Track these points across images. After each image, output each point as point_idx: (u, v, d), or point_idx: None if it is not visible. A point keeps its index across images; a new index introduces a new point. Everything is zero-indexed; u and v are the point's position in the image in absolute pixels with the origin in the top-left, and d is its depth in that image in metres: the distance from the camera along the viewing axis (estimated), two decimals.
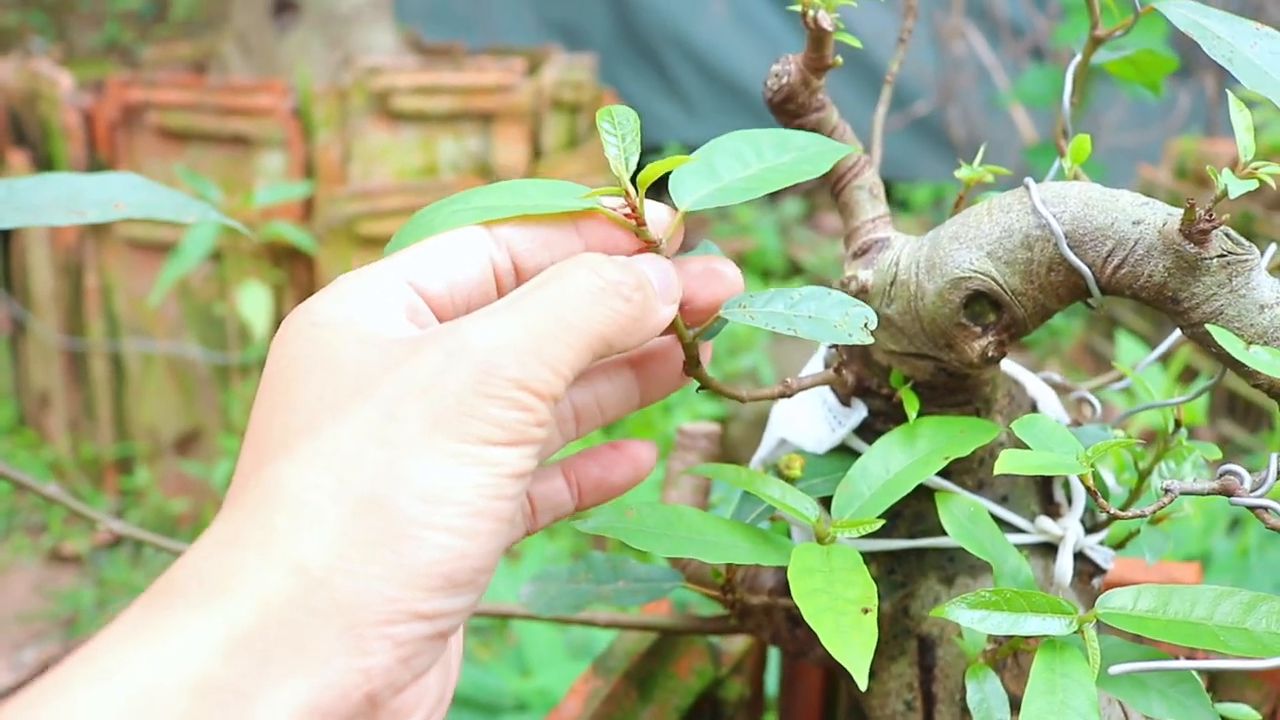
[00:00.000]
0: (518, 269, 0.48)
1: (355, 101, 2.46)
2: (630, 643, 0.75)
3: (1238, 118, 0.51)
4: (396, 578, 0.39)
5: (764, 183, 0.51)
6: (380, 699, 0.40)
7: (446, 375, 0.41)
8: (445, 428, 0.41)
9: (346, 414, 0.41)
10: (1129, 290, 0.52)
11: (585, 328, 0.44)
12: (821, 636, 0.47)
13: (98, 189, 0.71)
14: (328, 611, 0.38)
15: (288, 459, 0.41)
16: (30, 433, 2.87)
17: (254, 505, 0.40)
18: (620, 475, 0.54)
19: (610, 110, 0.50)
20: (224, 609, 0.37)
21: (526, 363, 0.42)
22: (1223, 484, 0.49)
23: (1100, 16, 0.63)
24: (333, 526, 0.39)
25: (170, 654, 0.36)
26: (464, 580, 0.41)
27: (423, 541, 0.40)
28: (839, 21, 0.56)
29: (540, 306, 0.44)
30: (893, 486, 0.56)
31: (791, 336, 0.49)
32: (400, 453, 0.40)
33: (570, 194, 0.48)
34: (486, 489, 0.41)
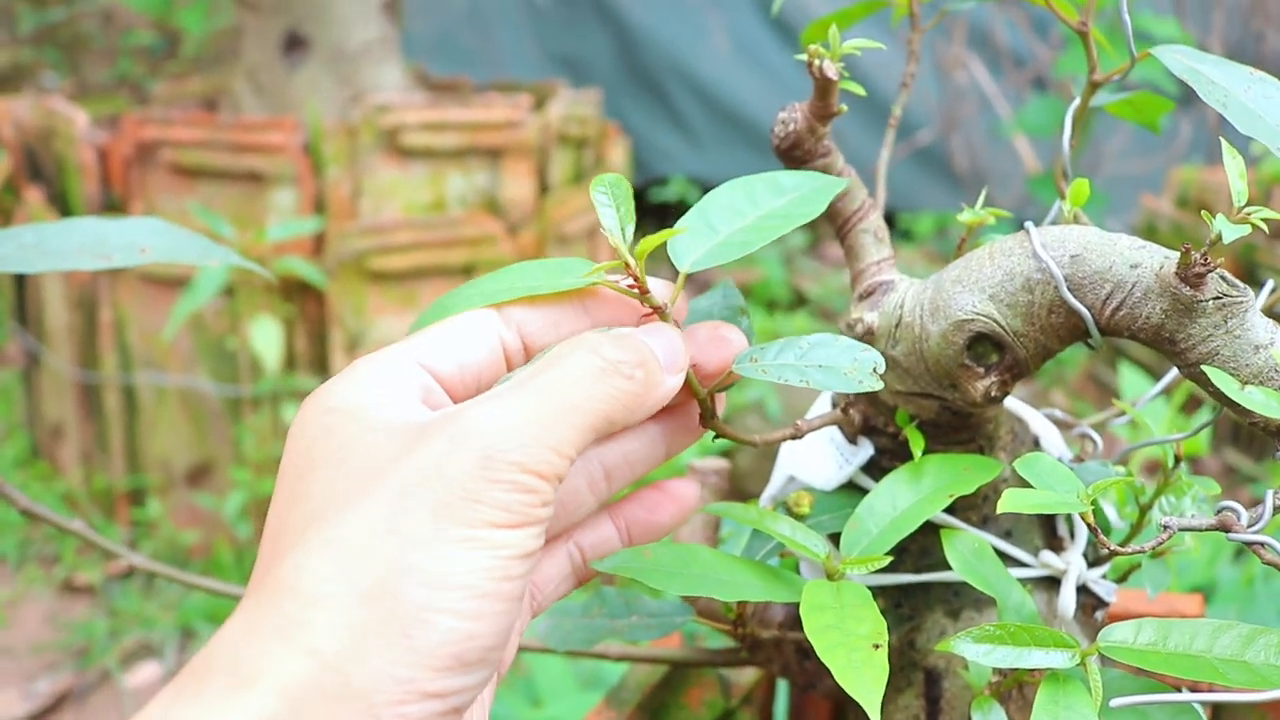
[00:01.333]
0: (528, 348, 0.51)
1: (365, 138, 2.49)
2: (642, 675, 0.76)
3: (1231, 164, 0.52)
4: (406, 660, 0.41)
5: (761, 233, 0.53)
6: None
7: (451, 462, 0.43)
8: (451, 514, 0.42)
9: (355, 504, 0.43)
10: (1127, 331, 0.53)
11: (587, 408, 0.45)
12: (834, 671, 0.48)
13: (123, 234, 0.73)
14: (343, 696, 0.40)
15: (303, 550, 0.43)
16: (43, 464, 2.89)
17: (272, 595, 0.42)
18: (666, 515, 0.56)
19: (603, 180, 0.51)
20: (250, 698, 0.39)
21: (529, 446, 0.43)
22: (1220, 520, 0.50)
23: (1098, 60, 0.65)
24: (345, 615, 0.41)
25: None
26: (474, 659, 0.42)
27: (431, 625, 0.41)
28: (844, 70, 0.58)
29: (542, 389, 0.45)
30: (899, 523, 0.57)
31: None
32: (407, 542, 0.42)
33: (573, 271, 0.50)
34: (494, 572, 0.42)
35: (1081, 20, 0.64)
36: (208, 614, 2.43)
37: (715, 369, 0.52)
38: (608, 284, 0.50)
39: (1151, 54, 0.61)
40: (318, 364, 2.52)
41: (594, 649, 0.70)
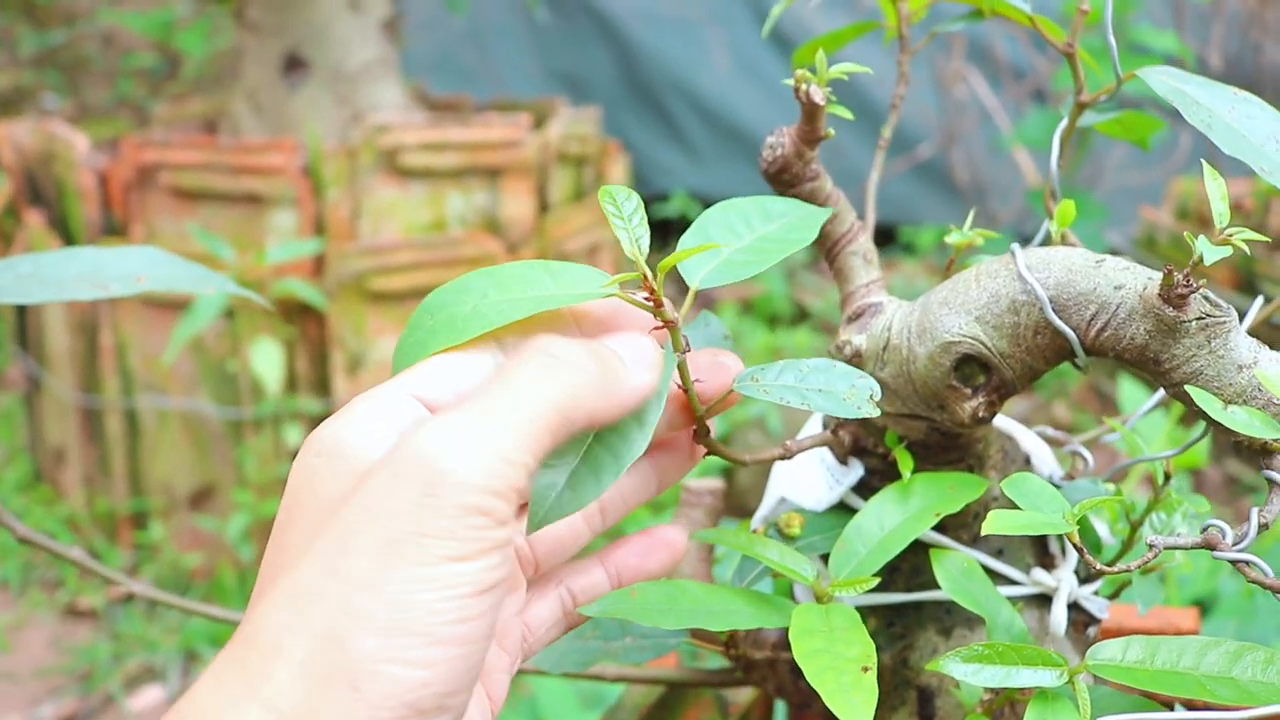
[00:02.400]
0: None
1: (364, 159, 2.50)
2: (639, 695, 0.76)
3: (1212, 186, 0.53)
4: (359, 713, 0.39)
5: (763, 254, 0.54)
6: None
7: (394, 495, 0.41)
8: (397, 553, 0.40)
9: (312, 549, 0.42)
10: (1112, 352, 0.54)
11: (536, 403, 0.43)
12: (824, 695, 0.48)
13: (120, 263, 0.74)
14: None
15: (269, 599, 0.42)
16: (46, 488, 2.89)
17: (240, 647, 0.42)
18: (656, 562, 0.56)
19: (611, 192, 0.52)
20: None
21: (474, 459, 0.41)
22: (1206, 538, 0.51)
23: (1085, 81, 0.65)
24: (298, 667, 0.40)
25: None
26: (430, 707, 0.40)
27: (380, 676, 0.40)
28: (831, 95, 0.59)
29: (486, 397, 0.43)
30: (887, 544, 0.58)
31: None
32: (354, 587, 0.40)
33: (582, 281, 0.50)
34: (446, 614, 0.40)
35: (1067, 42, 0.64)
36: (210, 637, 2.43)
37: (714, 392, 0.53)
38: (624, 297, 0.50)
39: (1138, 75, 0.61)
40: (319, 385, 2.53)
41: (589, 671, 0.70)
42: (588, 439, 0.46)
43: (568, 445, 0.46)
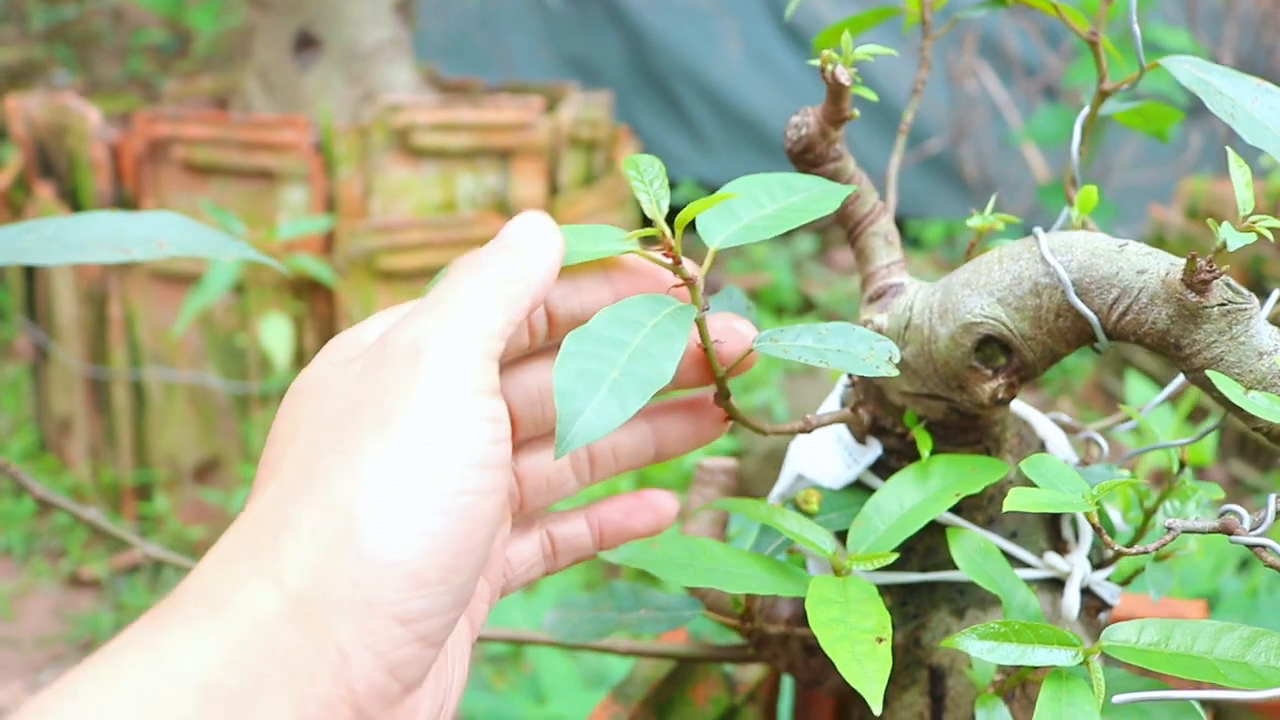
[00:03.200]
0: (550, 313, 0.51)
1: (376, 138, 2.50)
2: (649, 670, 0.77)
3: (1236, 174, 0.53)
4: (365, 582, 0.40)
5: (783, 221, 0.54)
6: (368, 712, 0.41)
7: (386, 374, 0.44)
8: (397, 425, 0.42)
9: (312, 435, 0.44)
10: (1133, 336, 0.54)
11: (481, 284, 0.46)
12: (838, 664, 0.49)
13: (140, 227, 0.74)
14: (305, 624, 0.40)
15: (275, 482, 0.43)
16: (51, 458, 2.90)
17: (247, 524, 0.43)
18: (641, 523, 0.57)
19: (635, 160, 0.52)
20: (220, 623, 0.39)
21: (447, 332, 0.44)
22: (1223, 523, 0.51)
23: (1108, 70, 0.66)
24: (306, 539, 0.41)
25: (176, 661, 0.38)
26: (434, 579, 0.42)
27: (386, 545, 0.41)
28: (856, 76, 0.59)
29: (438, 296, 0.46)
30: (906, 521, 0.58)
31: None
32: (357, 460, 0.42)
33: (605, 238, 0.51)
34: (448, 483, 0.42)
35: (1092, 30, 0.65)
36: None
37: (727, 355, 0.54)
38: (642, 254, 0.51)
39: (1161, 64, 0.61)
40: None
41: (602, 642, 0.71)
42: (614, 368, 0.46)
43: (596, 369, 0.46)
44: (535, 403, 0.53)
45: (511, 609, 1.71)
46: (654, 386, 0.46)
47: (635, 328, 0.47)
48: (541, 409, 0.53)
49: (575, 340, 0.46)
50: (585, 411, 0.44)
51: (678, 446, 0.57)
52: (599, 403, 0.44)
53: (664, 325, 0.48)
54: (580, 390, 0.45)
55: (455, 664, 0.49)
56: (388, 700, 0.42)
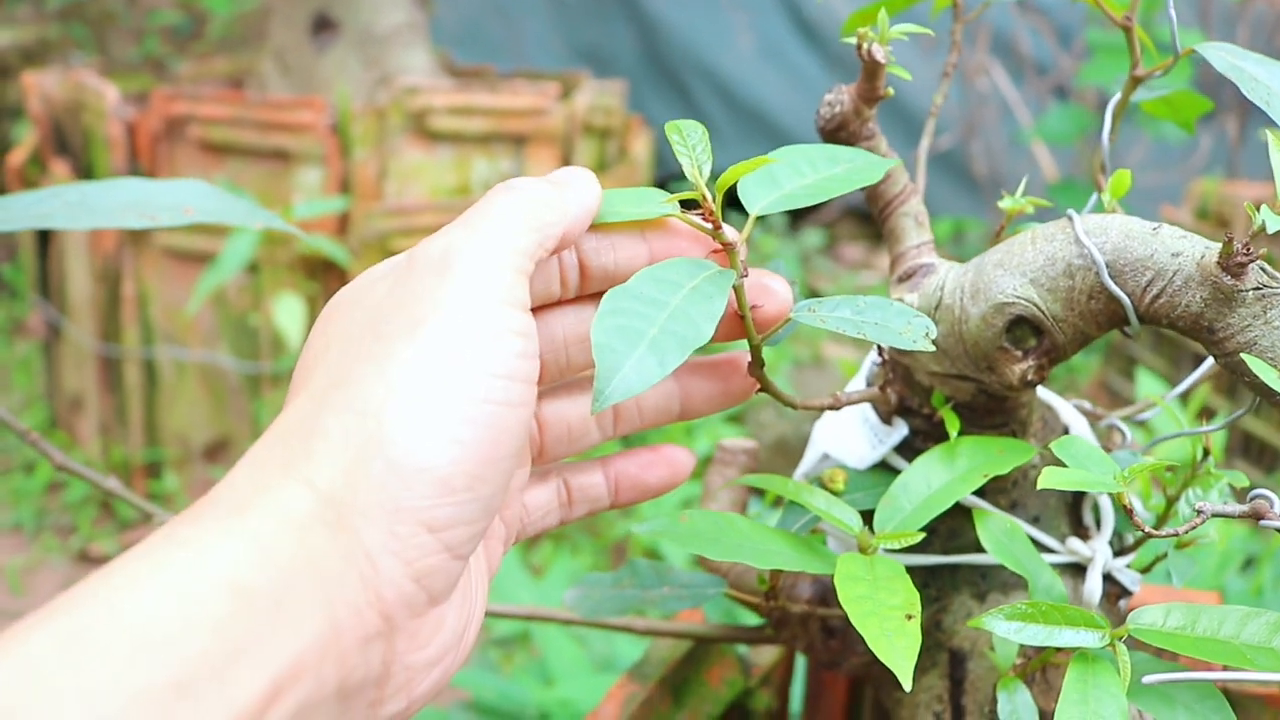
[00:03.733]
0: (583, 264, 0.51)
1: (392, 120, 2.50)
2: (665, 650, 0.77)
3: (1276, 157, 0.53)
4: (393, 486, 0.41)
5: (823, 190, 0.54)
6: (396, 619, 0.42)
7: (415, 281, 0.44)
8: (425, 332, 0.43)
9: (344, 345, 0.44)
10: (1166, 320, 0.54)
11: (513, 208, 0.46)
12: (868, 640, 0.49)
13: (167, 194, 0.74)
14: (335, 527, 0.40)
15: (307, 390, 0.44)
16: (62, 435, 2.90)
17: (278, 433, 0.43)
18: (656, 477, 0.57)
19: (678, 125, 0.53)
20: (250, 523, 0.39)
21: (476, 244, 0.44)
22: (1254, 507, 0.51)
23: (1140, 57, 0.65)
24: (337, 443, 0.41)
25: (207, 558, 0.38)
26: (460, 486, 0.42)
27: (415, 449, 0.41)
28: (890, 55, 0.59)
29: (473, 212, 0.47)
30: (933, 502, 0.58)
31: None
32: (387, 366, 0.42)
33: (649, 200, 0.51)
34: (476, 391, 0.42)
35: (1126, 16, 0.65)
36: None
37: (767, 319, 0.53)
38: (683, 218, 0.51)
39: (1196, 50, 0.61)
40: None
41: (620, 621, 0.71)
42: (653, 326, 0.46)
43: (635, 326, 0.46)
44: (560, 349, 0.53)
45: (520, 589, 1.71)
46: (693, 345, 0.46)
47: (674, 288, 0.47)
48: (566, 356, 0.53)
49: (614, 298, 0.46)
50: (624, 367, 0.44)
51: (704, 406, 0.57)
52: (638, 359, 0.44)
53: (703, 287, 0.48)
54: (619, 346, 0.45)
55: (477, 591, 0.49)
56: (414, 609, 0.42)
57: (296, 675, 0.38)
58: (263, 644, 0.37)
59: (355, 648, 0.40)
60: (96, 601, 0.36)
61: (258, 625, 0.37)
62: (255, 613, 0.37)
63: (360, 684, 0.41)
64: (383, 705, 0.43)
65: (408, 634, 0.42)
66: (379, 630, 0.41)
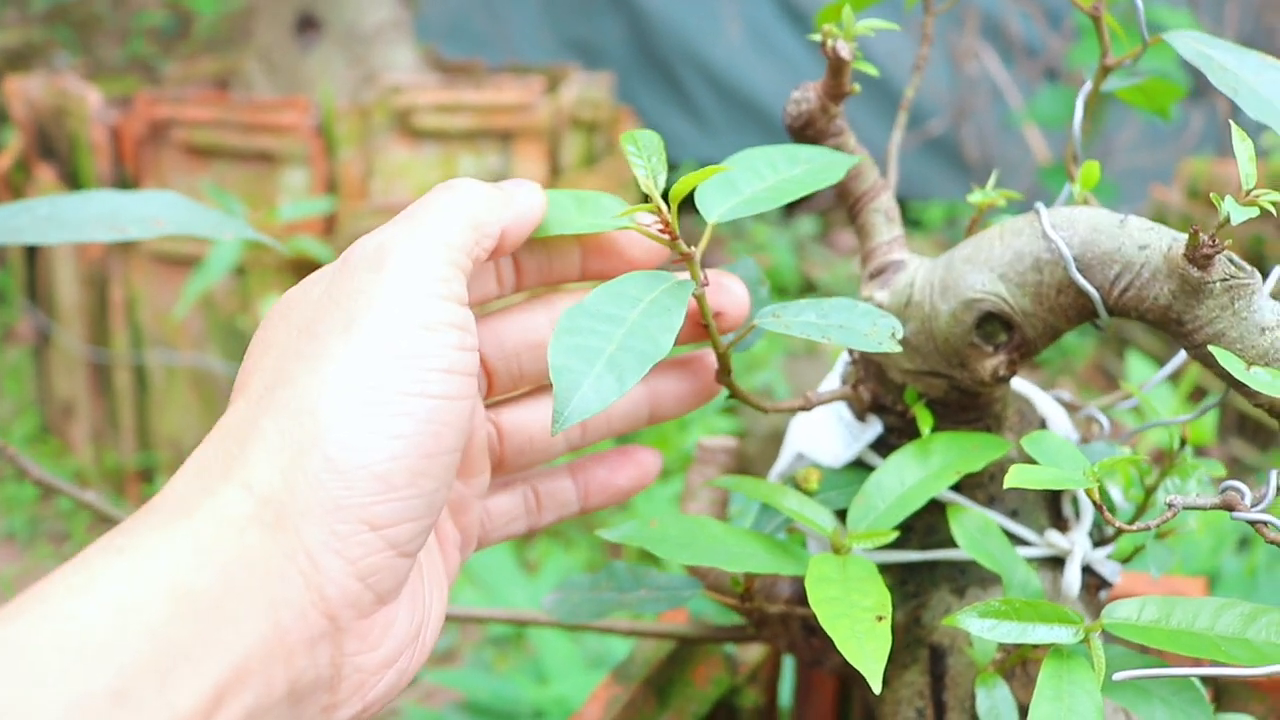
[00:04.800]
0: (517, 263, 0.52)
1: (377, 119, 2.49)
2: (649, 651, 0.77)
3: (1240, 147, 0.53)
4: (332, 484, 0.40)
5: (782, 193, 0.54)
6: (342, 619, 0.41)
7: (348, 279, 0.44)
8: (359, 328, 0.42)
9: (280, 346, 0.44)
10: (1135, 312, 0.54)
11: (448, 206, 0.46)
12: (837, 642, 0.49)
13: (138, 206, 0.74)
14: (274, 527, 0.40)
15: (245, 395, 0.44)
16: (54, 441, 2.90)
17: (218, 436, 0.43)
18: (625, 478, 0.57)
19: (633, 135, 0.52)
20: (189, 526, 0.39)
21: (409, 239, 0.44)
22: (1224, 499, 0.51)
23: (1110, 45, 0.65)
24: (275, 443, 0.41)
25: (146, 564, 0.38)
26: (401, 483, 0.41)
27: (352, 445, 0.41)
28: (857, 51, 0.59)
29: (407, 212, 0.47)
30: (907, 500, 0.58)
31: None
32: (321, 363, 0.42)
33: (605, 210, 0.51)
34: (410, 385, 0.42)
35: (1095, 5, 0.64)
36: None
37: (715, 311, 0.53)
38: (638, 228, 0.50)
39: (1164, 39, 0.61)
40: None
41: (602, 622, 0.71)
42: (611, 343, 0.46)
43: (592, 344, 0.45)
44: (510, 357, 0.53)
45: (513, 589, 1.71)
46: (651, 360, 0.45)
47: (632, 303, 0.47)
48: (518, 365, 0.53)
49: (571, 317, 0.46)
50: (582, 387, 0.44)
51: (674, 408, 0.57)
52: (595, 377, 0.44)
53: (661, 300, 0.47)
54: (576, 365, 0.44)
55: (431, 593, 0.48)
56: (361, 609, 0.42)
57: (241, 679, 0.38)
58: (204, 647, 0.37)
59: (302, 649, 0.40)
60: (32, 613, 0.36)
61: (198, 629, 0.37)
62: (195, 616, 0.37)
63: (310, 687, 0.41)
64: (336, 710, 0.42)
65: (356, 635, 0.42)
66: (325, 631, 0.41)
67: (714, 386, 0.57)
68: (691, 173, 0.50)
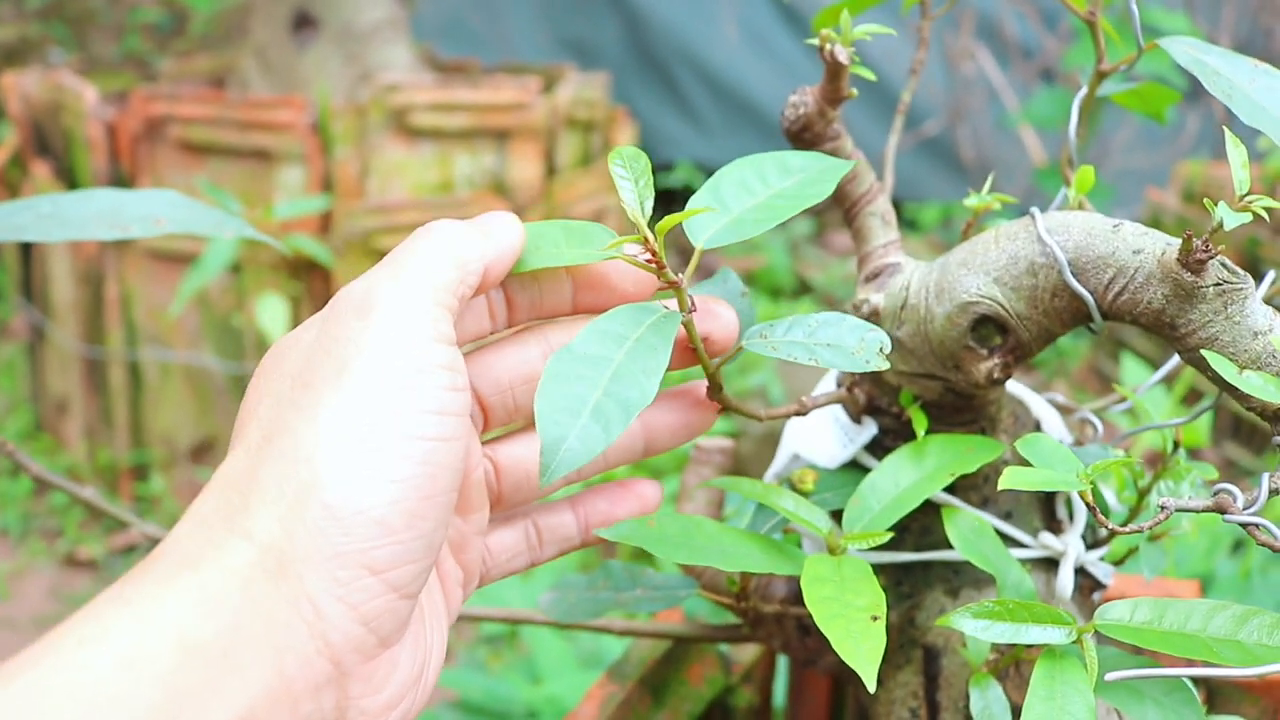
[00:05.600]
0: (508, 296, 0.52)
1: (373, 117, 2.49)
2: (644, 650, 0.77)
3: (1233, 153, 0.53)
4: (331, 531, 0.41)
5: (773, 211, 0.53)
6: (346, 664, 0.42)
7: (336, 327, 0.44)
8: (350, 375, 0.43)
9: (275, 391, 0.44)
10: (1129, 316, 0.54)
11: (431, 249, 0.46)
12: (832, 641, 0.49)
13: (139, 205, 0.74)
14: (277, 576, 0.40)
15: (243, 445, 0.44)
16: (47, 438, 2.90)
17: (218, 488, 0.43)
18: (625, 511, 0.57)
19: (622, 152, 0.52)
20: (195, 577, 0.40)
21: (394, 283, 0.44)
22: (1217, 502, 0.51)
23: (1106, 50, 0.66)
24: (272, 494, 0.41)
25: (153, 615, 0.38)
26: (400, 525, 0.42)
27: (350, 491, 0.41)
28: (855, 55, 0.59)
29: (390, 257, 0.47)
30: (901, 501, 0.58)
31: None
32: (316, 411, 0.42)
33: (591, 240, 0.51)
34: (406, 428, 0.42)
35: (1090, 10, 0.65)
36: None
37: (704, 335, 0.53)
38: (626, 259, 0.50)
39: (1158, 44, 0.61)
40: None
41: (597, 622, 0.71)
42: (596, 390, 0.46)
43: (578, 392, 0.46)
44: (505, 391, 0.53)
45: (507, 590, 1.71)
46: (637, 408, 0.45)
47: (618, 342, 0.47)
48: (513, 399, 0.53)
49: (558, 361, 0.46)
50: (569, 438, 0.44)
51: (668, 440, 0.57)
52: (581, 429, 0.44)
53: (647, 339, 0.47)
54: (562, 417, 0.44)
55: (433, 632, 0.49)
56: (365, 653, 0.42)
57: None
58: (213, 696, 0.38)
59: (307, 695, 0.40)
60: (46, 665, 0.36)
61: (206, 677, 0.38)
62: (203, 665, 0.38)
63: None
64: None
65: (360, 678, 0.43)
66: (330, 676, 0.41)
67: (708, 417, 0.57)
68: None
